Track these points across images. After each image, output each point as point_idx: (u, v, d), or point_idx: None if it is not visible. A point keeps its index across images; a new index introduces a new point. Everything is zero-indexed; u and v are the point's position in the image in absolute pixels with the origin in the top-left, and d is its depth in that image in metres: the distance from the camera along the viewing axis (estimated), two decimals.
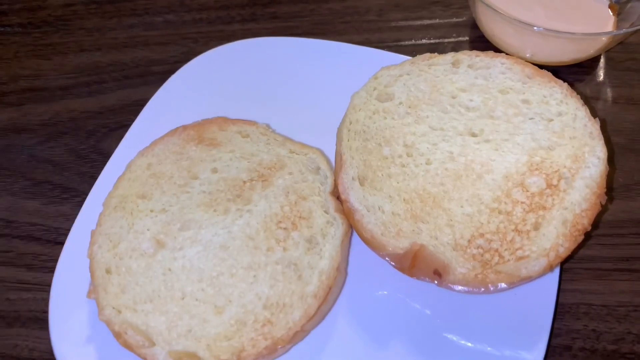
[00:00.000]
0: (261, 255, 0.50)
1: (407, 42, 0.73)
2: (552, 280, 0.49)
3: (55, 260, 0.55)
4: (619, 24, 0.64)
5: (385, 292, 0.52)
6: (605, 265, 0.55)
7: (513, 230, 0.47)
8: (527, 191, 0.48)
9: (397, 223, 0.49)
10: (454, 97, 0.53)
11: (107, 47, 0.79)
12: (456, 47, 0.71)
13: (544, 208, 0.47)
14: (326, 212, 0.52)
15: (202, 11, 0.82)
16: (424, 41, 0.73)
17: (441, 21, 0.74)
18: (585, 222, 0.46)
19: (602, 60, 0.68)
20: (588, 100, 0.53)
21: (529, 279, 0.46)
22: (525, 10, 0.66)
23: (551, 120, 0.51)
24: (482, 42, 0.71)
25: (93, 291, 0.50)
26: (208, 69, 0.68)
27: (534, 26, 0.57)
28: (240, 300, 0.48)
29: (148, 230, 0.52)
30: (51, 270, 0.55)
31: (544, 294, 0.49)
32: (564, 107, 0.51)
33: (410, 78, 0.55)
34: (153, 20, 0.81)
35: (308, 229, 0.51)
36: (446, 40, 0.72)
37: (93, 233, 0.53)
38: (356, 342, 0.50)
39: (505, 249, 0.46)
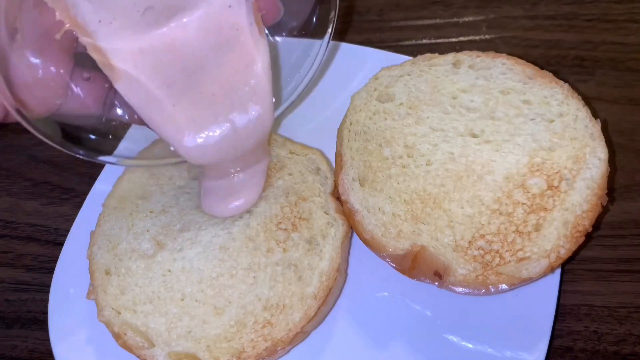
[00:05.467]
0: (261, 256, 0.50)
1: (407, 42, 0.73)
2: (553, 281, 0.49)
3: (55, 261, 0.55)
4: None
5: (385, 294, 0.52)
6: (606, 266, 0.55)
7: (514, 232, 0.47)
8: (528, 192, 0.48)
9: (398, 224, 0.49)
10: (454, 98, 0.53)
11: None
12: (457, 48, 0.71)
13: (545, 209, 0.47)
14: (326, 213, 0.52)
15: None
16: (424, 41, 0.73)
17: (442, 21, 0.74)
18: (586, 223, 0.46)
19: (603, 60, 0.68)
20: (589, 101, 0.53)
21: (529, 280, 0.46)
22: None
23: (552, 121, 0.51)
24: (483, 42, 0.71)
25: (92, 292, 0.50)
26: None
27: None
28: (240, 301, 0.48)
29: (148, 231, 0.52)
30: (50, 271, 0.55)
31: (545, 295, 0.49)
32: (565, 107, 0.51)
33: (410, 78, 0.55)
34: None
35: (308, 230, 0.51)
36: (447, 40, 0.72)
37: (92, 234, 0.53)
38: (356, 344, 0.50)
39: (506, 250, 0.46)
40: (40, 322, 0.57)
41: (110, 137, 0.49)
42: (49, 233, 0.63)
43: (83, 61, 0.42)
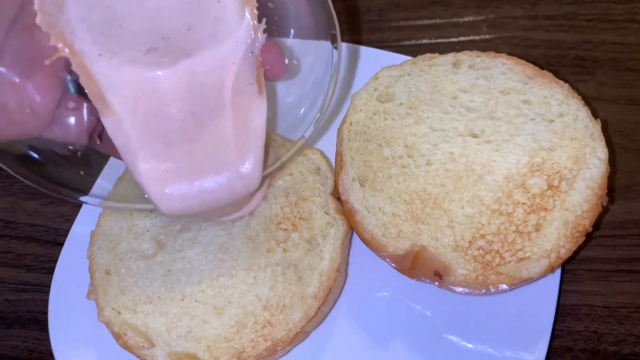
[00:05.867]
0: (261, 256, 0.50)
1: (407, 42, 0.73)
2: (553, 281, 0.49)
3: (55, 261, 0.55)
4: None
5: (385, 294, 0.52)
6: (606, 266, 0.55)
7: (514, 232, 0.47)
8: (528, 192, 0.48)
9: (398, 224, 0.49)
10: (454, 98, 0.53)
11: None
12: (457, 48, 0.71)
13: (545, 209, 0.47)
14: (326, 213, 0.52)
15: None
16: (424, 41, 0.73)
17: (442, 21, 0.74)
18: (586, 223, 0.46)
19: (603, 60, 0.68)
20: (589, 101, 0.53)
21: (530, 280, 0.46)
22: None
23: (552, 121, 0.51)
24: (483, 42, 0.71)
25: (92, 292, 0.50)
26: None
27: None
28: (240, 301, 0.48)
29: (148, 231, 0.52)
30: (50, 271, 0.55)
31: (545, 295, 0.49)
32: (565, 107, 0.51)
33: (411, 78, 0.55)
34: None
35: (308, 230, 0.51)
36: (447, 40, 0.72)
37: (93, 234, 0.53)
38: (356, 344, 0.50)
39: (506, 250, 0.46)
40: (40, 322, 0.57)
41: (83, 173, 0.47)
42: (49, 233, 0.63)
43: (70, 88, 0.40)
